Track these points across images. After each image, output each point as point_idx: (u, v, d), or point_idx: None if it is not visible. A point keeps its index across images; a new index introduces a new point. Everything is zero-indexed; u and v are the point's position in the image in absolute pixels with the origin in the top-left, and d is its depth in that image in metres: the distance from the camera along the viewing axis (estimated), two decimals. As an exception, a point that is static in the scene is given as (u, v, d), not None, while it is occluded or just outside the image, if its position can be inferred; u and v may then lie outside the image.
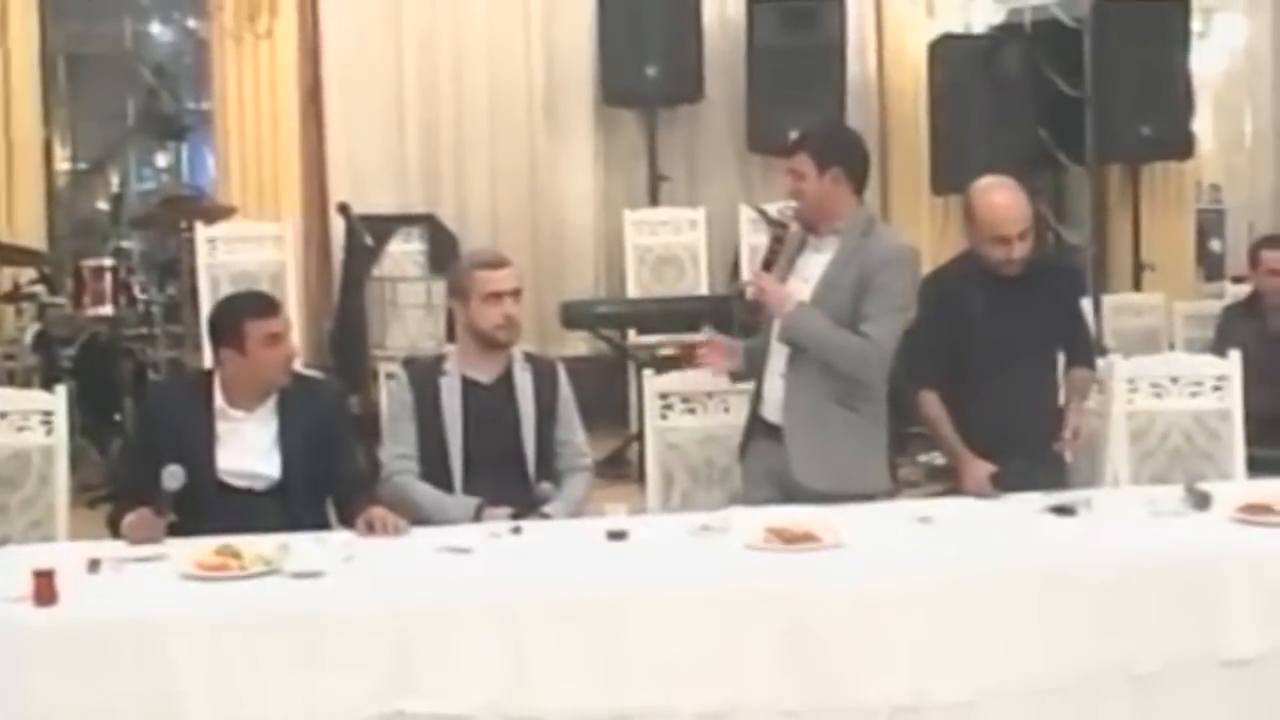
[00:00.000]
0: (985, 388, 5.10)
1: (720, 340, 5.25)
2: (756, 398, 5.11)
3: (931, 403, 5.17)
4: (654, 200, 9.80)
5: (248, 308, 4.84)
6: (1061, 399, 5.30)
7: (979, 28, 10.42)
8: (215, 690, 3.66)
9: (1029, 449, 5.04)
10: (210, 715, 3.67)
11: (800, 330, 4.89)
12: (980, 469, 4.97)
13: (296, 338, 5.85)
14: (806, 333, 4.88)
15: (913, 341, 4.99)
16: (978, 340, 5.14)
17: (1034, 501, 4.68)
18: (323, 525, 4.71)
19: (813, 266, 5.00)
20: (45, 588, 3.71)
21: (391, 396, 5.29)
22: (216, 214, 8.68)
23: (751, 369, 5.17)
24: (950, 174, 9.80)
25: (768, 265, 5.03)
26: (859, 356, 4.85)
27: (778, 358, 5.01)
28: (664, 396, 5.36)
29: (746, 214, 9.13)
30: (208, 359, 5.14)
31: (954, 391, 5.14)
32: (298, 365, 5.15)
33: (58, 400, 5.12)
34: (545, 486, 4.98)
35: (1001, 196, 5.16)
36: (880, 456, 5.03)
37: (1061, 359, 5.37)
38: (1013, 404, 5.06)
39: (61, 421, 5.09)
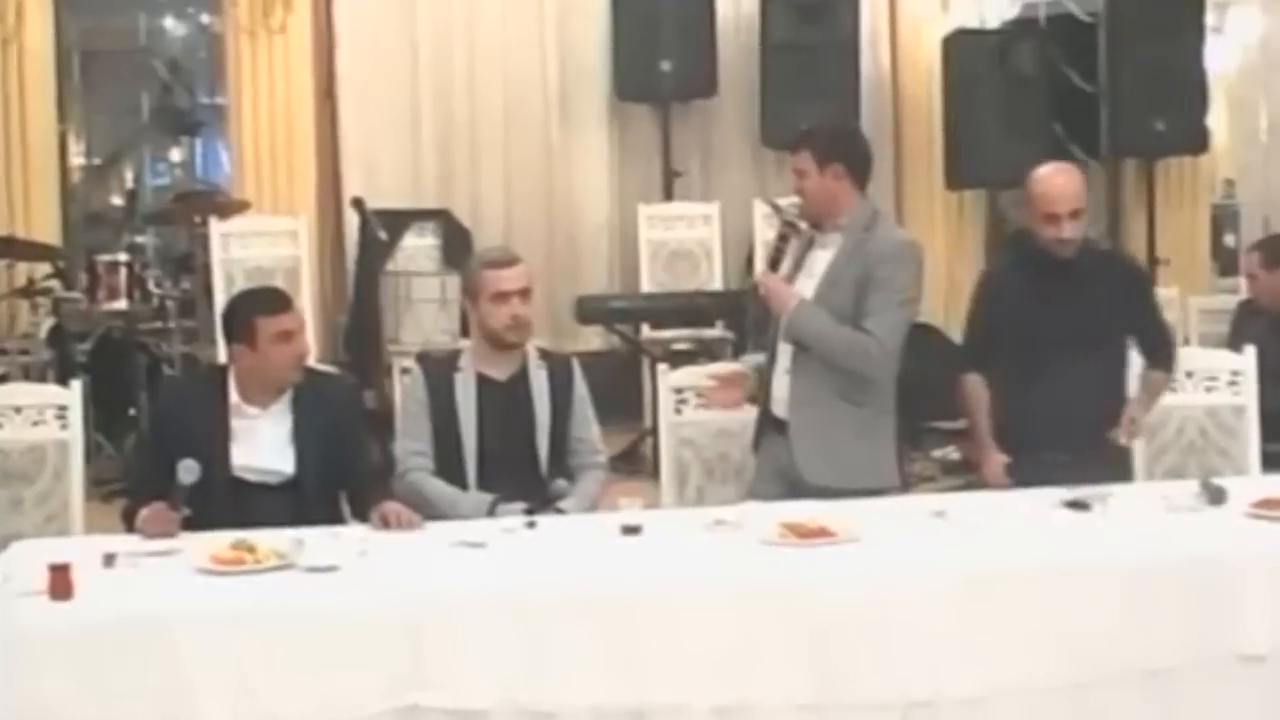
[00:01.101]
0: (1037, 376, 5.14)
1: (723, 374, 5.30)
2: (765, 394, 5.12)
3: (972, 386, 5.24)
4: (668, 195, 9.80)
5: (259, 304, 4.85)
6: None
7: (993, 22, 10.41)
8: (229, 684, 3.67)
9: (1085, 441, 5.00)
10: (224, 709, 3.67)
11: (802, 327, 4.90)
12: (996, 461, 5.01)
13: (311, 333, 5.87)
14: (809, 330, 4.90)
15: (968, 328, 5.14)
16: (1028, 328, 5.17)
17: (1049, 496, 4.67)
18: (337, 520, 4.71)
19: (818, 263, 5.02)
20: (61, 581, 3.71)
21: (406, 392, 5.29)
22: (231, 209, 8.70)
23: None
24: (964, 169, 9.81)
25: (774, 264, 5.06)
26: (861, 352, 4.86)
27: (784, 355, 5.02)
28: (678, 391, 5.36)
29: (760, 209, 9.12)
30: (222, 354, 5.15)
31: (1010, 379, 5.18)
32: (312, 361, 5.15)
33: (73, 395, 5.13)
34: (560, 483, 4.99)
35: (1054, 175, 5.23)
36: (888, 452, 5.04)
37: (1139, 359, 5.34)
38: (1066, 394, 5.05)
39: (76, 416, 5.10)
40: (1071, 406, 5.03)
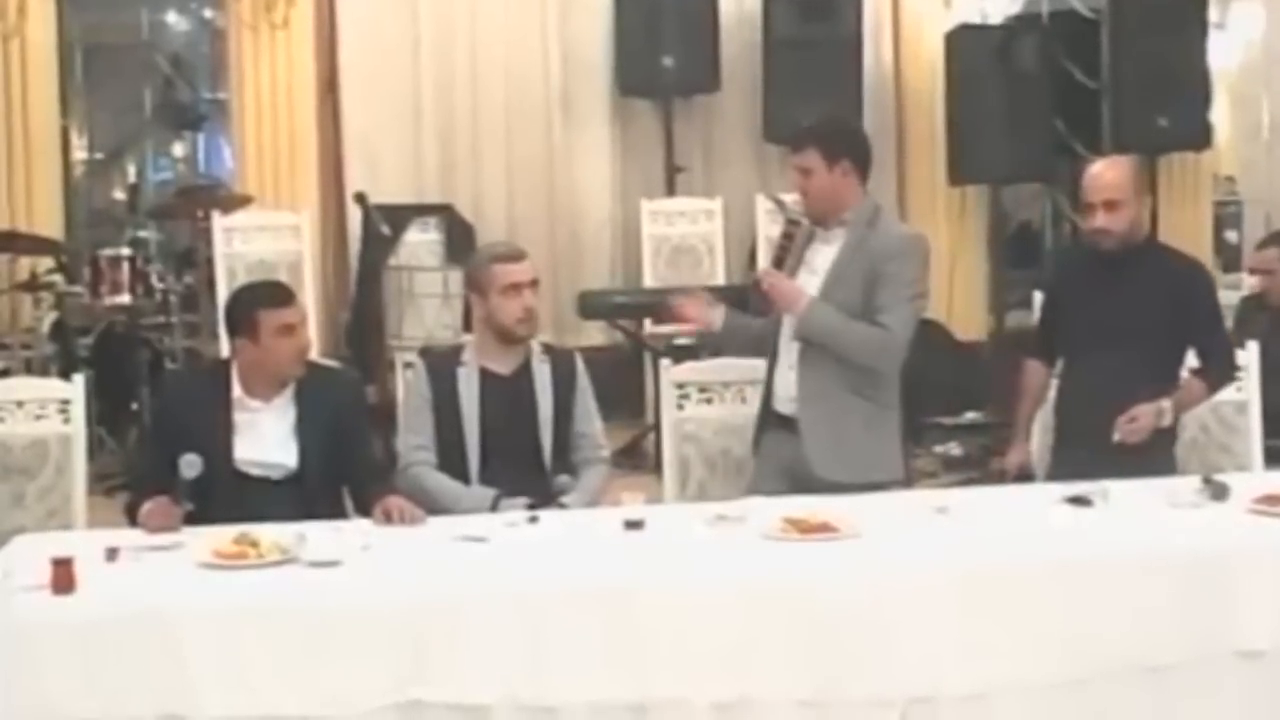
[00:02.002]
0: (1075, 368, 5.25)
1: (701, 294, 5.31)
2: (768, 391, 5.12)
3: (1028, 373, 5.39)
4: (670, 190, 9.79)
5: (261, 298, 4.85)
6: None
7: (996, 18, 10.40)
8: (231, 678, 3.67)
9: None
10: (226, 703, 3.67)
11: (815, 327, 4.90)
12: (1019, 452, 5.24)
13: (313, 327, 5.87)
14: (822, 328, 4.90)
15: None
16: (1070, 319, 5.26)
17: (1051, 492, 4.67)
18: (339, 515, 4.71)
19: (821, 258, 5.01)
20: (63, 576, 3.71)
21: (409, 387, 5.30)
22: (233, 204, 8.72)
23: (736, 345, 5.28)
24: (966, 165, 9.80)
25: (778, 262, 5.04)
26: (877, 347, 4.87)
27: (788, 352, 5.01)
28: (680, 386, 5.35)
29: (763, 204, 9.13)
30: (225, 348, 5.15)
31: (1064, 366, 5.31)
32: (314, 355, 5.15)
33: (75, 389, 5.13)
34: (563, 479, 4.99)
35: (1098, 166, 5.28)
36: (894, 444, 5.06)
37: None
38: (1101, 389, 5.06)
39: (79, 410, 5.10)
40: (1105, 403, 5.01)
